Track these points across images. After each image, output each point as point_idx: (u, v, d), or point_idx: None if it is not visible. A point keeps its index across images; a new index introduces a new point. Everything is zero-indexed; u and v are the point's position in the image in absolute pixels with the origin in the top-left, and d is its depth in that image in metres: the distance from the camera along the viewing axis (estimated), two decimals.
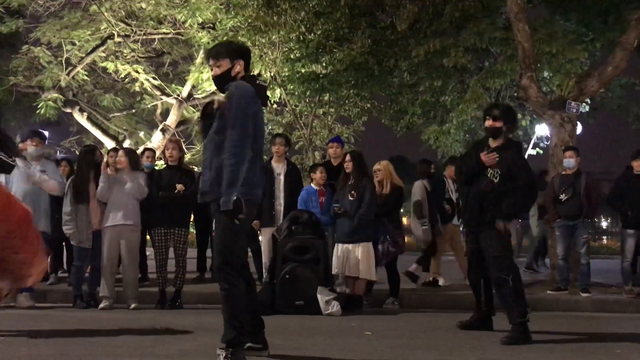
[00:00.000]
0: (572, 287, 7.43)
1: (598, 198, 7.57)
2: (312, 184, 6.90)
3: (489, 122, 5.03)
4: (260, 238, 7.51)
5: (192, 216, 7.70)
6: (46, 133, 25.49)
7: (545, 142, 15.15)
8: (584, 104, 8.67)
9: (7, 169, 4.62)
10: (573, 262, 7.53)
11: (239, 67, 3.80)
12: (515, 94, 11.88)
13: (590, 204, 7.32)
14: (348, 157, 6.55)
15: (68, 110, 15.11)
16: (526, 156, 16.52)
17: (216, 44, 4.28)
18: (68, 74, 14.20)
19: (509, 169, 4.88)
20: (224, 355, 3.54)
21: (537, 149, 16.27)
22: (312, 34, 11.69)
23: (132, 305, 6.37)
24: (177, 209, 6.49)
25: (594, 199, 7.39)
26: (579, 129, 10.51)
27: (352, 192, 6.32)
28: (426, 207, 7.88)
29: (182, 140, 12.66)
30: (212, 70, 3.88)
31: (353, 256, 6.27)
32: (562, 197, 7.30)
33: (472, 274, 5.28)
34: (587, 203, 7.28)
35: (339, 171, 6.79)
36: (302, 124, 14.34)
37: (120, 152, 6.86)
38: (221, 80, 3.84)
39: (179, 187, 6.41)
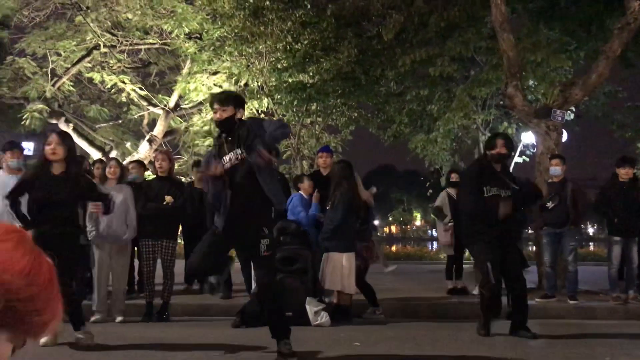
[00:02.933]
0: (559, 294, 7.46)
1: (584, 205, 7.63)
2: (301, 193, 6.85)
3: (500, 150, 5.47)
4: None
5: (180, 228, 7.64)
6: (31, 144, 25.35)
7: (532, 150, 15.26)
8: (568, 112, 8.74)
9: None
10: (560, 269, 7.57)
11: (239, 115, 4.44)
12: (501, 102, 11.98)
13: (577, 211, 7.37)
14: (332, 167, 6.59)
15: (54, 121, 15.00)
16: (512, 164, 16.64)
17: (223, 91, 4.80)
18: (53, 85, 14.11)
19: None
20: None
21: (524, 156, 16.36)
22: (298, 44, 11.72)
23: (119, 319, 6.30)
24: (165, 220, 6.42)
25: (580, 206, 7.44)
26: (565, 136, 10.59)
27: (328, 201, 6.27)
28: (447, 211, 8.12)
29: (169, 150, 12.61)
30: (216, 113, 4.40)
31: (333, 265, 6.15)
32: (549, 204, 7.33)
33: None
34: (574, 211, 7.33)
35: (328, 181, 6.75)
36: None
37: (113, 162, 6.78)
38: (225, 124, 4.38)
39: (168, 199, 6.35)
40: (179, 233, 7.57)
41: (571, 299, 7.20)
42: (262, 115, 15.65)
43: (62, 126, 15.13)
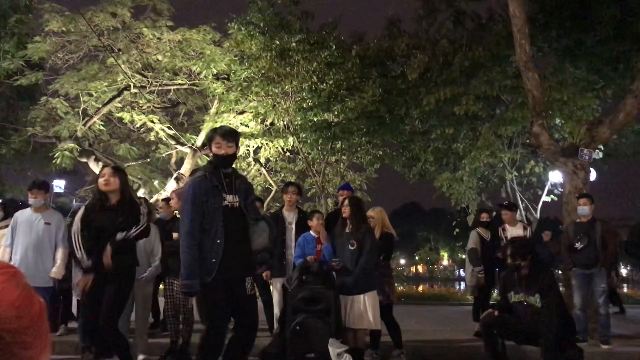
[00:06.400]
0: (592, 338, 7.22)
1: (615, 246, 7.43)
2: (310, 231, 6.76)
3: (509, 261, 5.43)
4: (271, 288, 7.42)
5: None
6: (62, 182, 25.79)
7: (559, 189, 15.03)
8: (596, 150, 8.62)
9: None
10: (592, 312, 7.34)
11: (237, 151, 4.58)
12: (528, 141, 11.87)
13: (607, 252, 7.18)
14: (346, 202, 6.31)
15: (84, 159, 15.32)
16: (540, 203, 16.39)
17: (228, 127, 4.68)
18: (85, 124, 14.45)
19: None
20: None
21: (552, 195, 16.12)
22: (324, 84, 11.89)
23: (141, 357, 6.27)
24: (179, 258, 6.41)
25: (610, 247, 7.25)
26: (593, 175, 10.43)
27: (352, 241, 6.10)
28: (478, 254, 7.90)
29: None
30: (220, 148, 4.31)
31: (357, 307, 6.05)
32: (578, 245, 7.17)
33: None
34: (604, 251, 7.14)
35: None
36: (314, 172, 14.39)
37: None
38: (230, 160, 4.40)
39: (175, 236, 6.38)
40: None
41: (604, 344, 6.97)
42: (288, 154, 15.82)
43: (92, 164, 15.44)
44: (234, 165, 4.59)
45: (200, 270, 4.09)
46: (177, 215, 6.70)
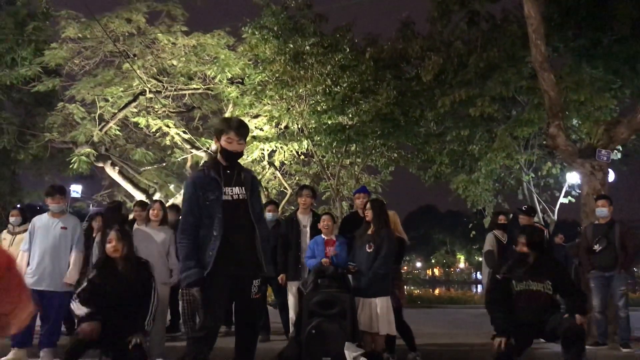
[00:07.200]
0: (611, 341, 7.12)
1: (634, 247, 7.32)
2: (322, 234, 6.73)
3: (521, 248, 5.32)
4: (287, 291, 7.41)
5: None
6: (79, 187, 26.01)
7: (577, 190, 14.87)
8: (615, 151, 8.49)
9: None
10: (611, 315, 7.24)
11: None
12: (544, 142, 11.77)
13: (626, 254, 7.08)
14: (369, 206, 6.24)
15: (100, 164, 15.43)
16: (558, 205, 16.22)
17: (243, 123, 4.34)
18: (101, 130, 14.57)
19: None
20: None
21: (569, 197, 15.94)
22: (338, 87, 11.88)
23: None
24: None
25: (630, 248, 7.15)
26: (612, 176, 10.28)
27: (370, 243, 6.04)
28: (495, 257, 7.83)
29: None
30: (232, 143, 4.10)
31: (368, 310, 6.00)
32: (596, 247, 7.08)
33: None
34: (623, 253, 7.04)
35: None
36: (329, 175, 14.38)
37: (157, 205, 6.87)
38: (239, 156, 4.22)
39: None
40: None
41: (624, 347, 6.87)
42: (302, 157, 15.81)
43: (108, 169, 15.56)
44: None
45: (200, 264, 3.96)
46: None
